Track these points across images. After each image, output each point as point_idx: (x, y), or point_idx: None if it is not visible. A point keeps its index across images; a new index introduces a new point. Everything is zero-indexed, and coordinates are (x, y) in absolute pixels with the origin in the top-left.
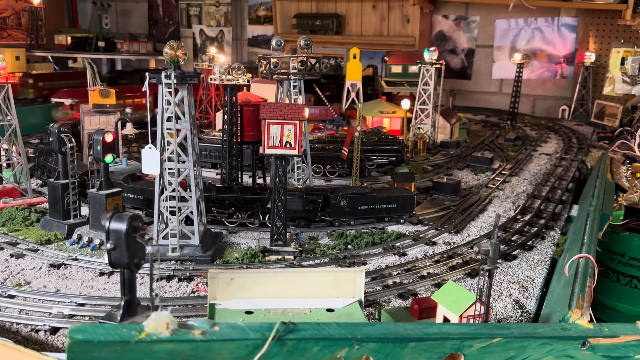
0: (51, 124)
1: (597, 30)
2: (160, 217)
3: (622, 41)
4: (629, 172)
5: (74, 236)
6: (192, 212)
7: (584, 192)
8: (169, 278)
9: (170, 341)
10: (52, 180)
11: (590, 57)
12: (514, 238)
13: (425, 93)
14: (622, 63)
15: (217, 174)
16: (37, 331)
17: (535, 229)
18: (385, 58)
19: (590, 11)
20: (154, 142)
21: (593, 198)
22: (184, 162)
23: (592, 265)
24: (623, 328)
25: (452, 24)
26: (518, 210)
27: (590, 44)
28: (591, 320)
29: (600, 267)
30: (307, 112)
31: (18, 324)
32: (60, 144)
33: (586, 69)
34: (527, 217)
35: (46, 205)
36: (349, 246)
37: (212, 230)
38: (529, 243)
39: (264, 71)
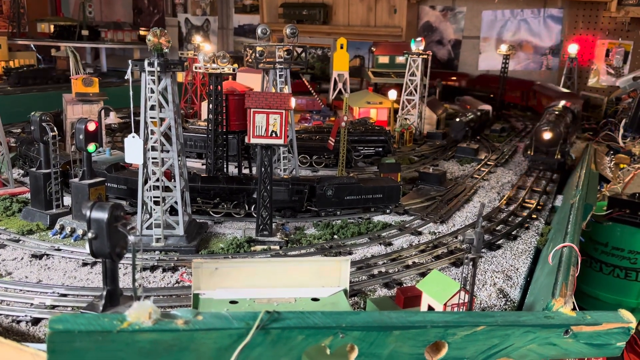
0: (33, 113)
1: (582, 22)
2: (144, 207)
3: (607, 33)
4: (613, 162)
5: (57, 226)
6: (176, 202)
7: (568, 183)
8: (153, 268)
9: (153, 331)
10: (34, 169)
11: (573, 49)
12: (498, 228)
13: (412, 84)
14: (607, 55)
15: (203, 164)
16: (19, 322)
17: (520, 219)
18: (373, 48)
19: (575, 3)
20: (137, 132)
21: (577, 188)
22: (168, 151)
23: (576, 254)
24: (605, 316)
25: (439, 14)
26: (503, 200)
27: (575, 35)
28: (574, 309)
29: (584, 257)
30: (293, 101)
31: None
32: (42, 133)
33: (571, 60)
34: (511, 207)
35: (28, 195)
36: (335, 236)
37: (197, 220)
38: (513, 233)
39: (250, 60)
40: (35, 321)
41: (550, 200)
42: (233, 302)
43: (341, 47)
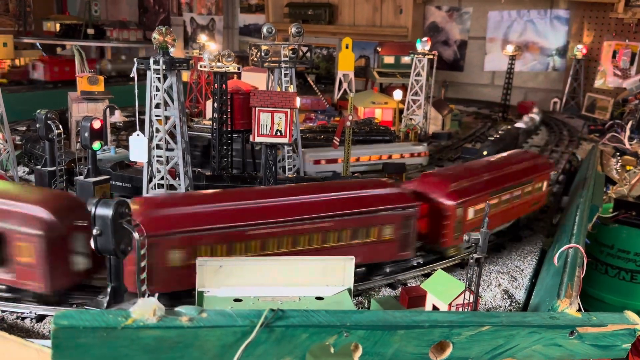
0: (38, 111)
1: (589, 23)
2: None
3: (614, 34)
4: (619, 164)
5: None
6: None
7: (574, 184)
8: None
9: (157, 327)
10: (39, 167)
11: (578, 50)
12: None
13: (417, 84)
14: (614, 56)
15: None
16: (23, 319)
17: (525, 219)
18: (378, 48)
19: (582, 4)
20: (142, 130)
21: (583, 190)
22: (172, 149)
23: (582, 255)
24: (611, 317)
25: (445, 15)
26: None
27: (583, 36)
28: (579, 310)
29: (589, 259)
30: (298, 100)
31: (4, 311)
32: (48, 130)
33: (578, 61)
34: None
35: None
36: None
37: None
38: (518, 233)
39: (255, 59)
40: (40, 318)
41: (557, 202)
42: (237, 300)
43: (346, 47)
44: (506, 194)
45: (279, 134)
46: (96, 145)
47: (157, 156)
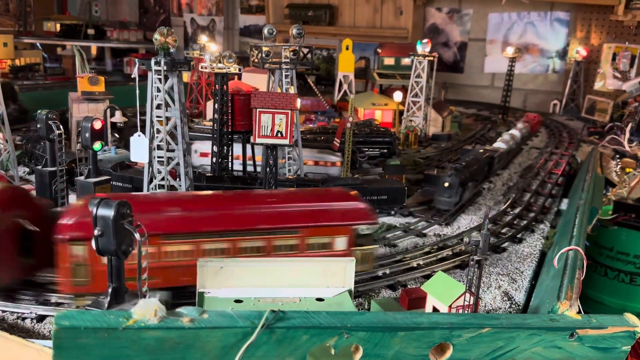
0: (39, 111)
1: (589, 25)
2: None
3: (614, 36)
4: (619, 166)
5: None
6: None
7: (573, 186)
8: None
9: (158, 328)
10: (40, 167)
11: (578, 52)
12: (503, 231)
13: (417, 85)
14: (614, 58)
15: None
16: (24, 319)
17: (525, 222)
18: (378, 50)
19: (582, 6)
20: (142, 130)
21: (583, 192)
22: (173, 150)
23: (581, 257)
24: (611, 319)
25: (445, 16)
26: (508, 203)
27: (590, 39)
28: (579, 312)
29: (589, 261)
30: (298, 101)
31: (4, 311)
32: (49, 131)
33: (577, 64)
34: (517, 210)
35: (34, 193)
36: None
37: None
38: (518, 236)
39: (256, 60)
40: (40, 318)
41: (556, 204)
42: (238, 301)
43: (347, 49)
44: (217, 240)
45: (279, 135)
46: (97, 145)
47: (158, 157)
